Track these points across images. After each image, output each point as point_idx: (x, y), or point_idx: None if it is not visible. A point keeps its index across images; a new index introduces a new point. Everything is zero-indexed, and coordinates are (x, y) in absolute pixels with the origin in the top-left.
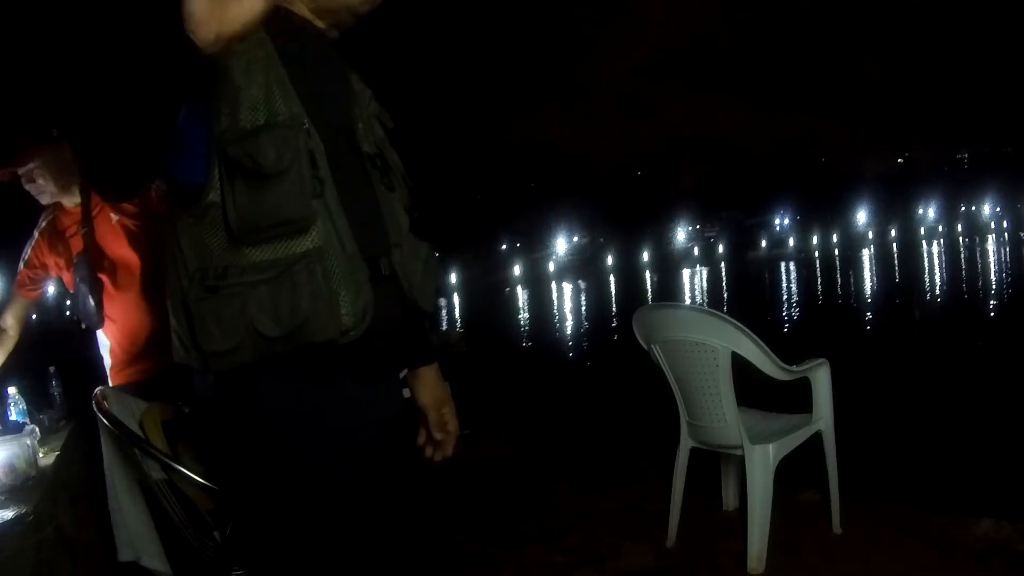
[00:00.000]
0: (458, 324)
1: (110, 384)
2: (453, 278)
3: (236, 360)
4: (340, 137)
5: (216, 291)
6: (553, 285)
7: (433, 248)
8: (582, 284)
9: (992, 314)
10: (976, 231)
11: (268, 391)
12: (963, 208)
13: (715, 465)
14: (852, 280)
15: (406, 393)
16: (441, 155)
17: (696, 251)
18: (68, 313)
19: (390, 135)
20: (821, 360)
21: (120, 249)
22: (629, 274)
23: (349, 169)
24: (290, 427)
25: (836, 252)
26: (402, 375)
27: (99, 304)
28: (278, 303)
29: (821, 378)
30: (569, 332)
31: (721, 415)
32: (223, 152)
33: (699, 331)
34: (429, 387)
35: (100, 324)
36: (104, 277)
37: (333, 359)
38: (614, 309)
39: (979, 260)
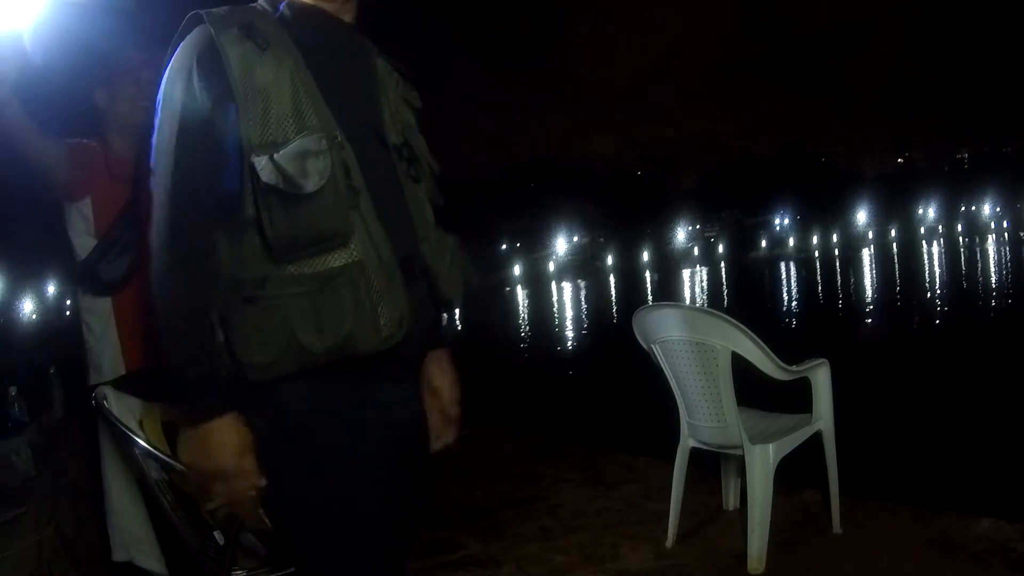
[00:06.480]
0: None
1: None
2: None
3: (275, 372)
4: (367, 132)
5: (255, 302)
6: (553, 285)
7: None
8: (582, 284)
9: (992, 314)
10: (976, 231)
11: (303, 396)
12: (963, 208)
13: (715, 465)
14: (852, 280)
15: None
16: (441, 155)
17: (696, 251)
18: (68, 312)
19: (418, 116)
20: (821, 360)
21: None
22: (629, 274)
23: (378, 166)
24: (326, 431)
25: (836, 252)
26: None
27: (132, 266)
28: (321, 316)
29: (821, 378)
30: (569, 332)
31: (721, 415)
32: (255, 172)
33: (699, 331)
34: (442, 370)
35: (117, 288)
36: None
37: (368, 364)
38: (614, 309)
39: (979, 260)
